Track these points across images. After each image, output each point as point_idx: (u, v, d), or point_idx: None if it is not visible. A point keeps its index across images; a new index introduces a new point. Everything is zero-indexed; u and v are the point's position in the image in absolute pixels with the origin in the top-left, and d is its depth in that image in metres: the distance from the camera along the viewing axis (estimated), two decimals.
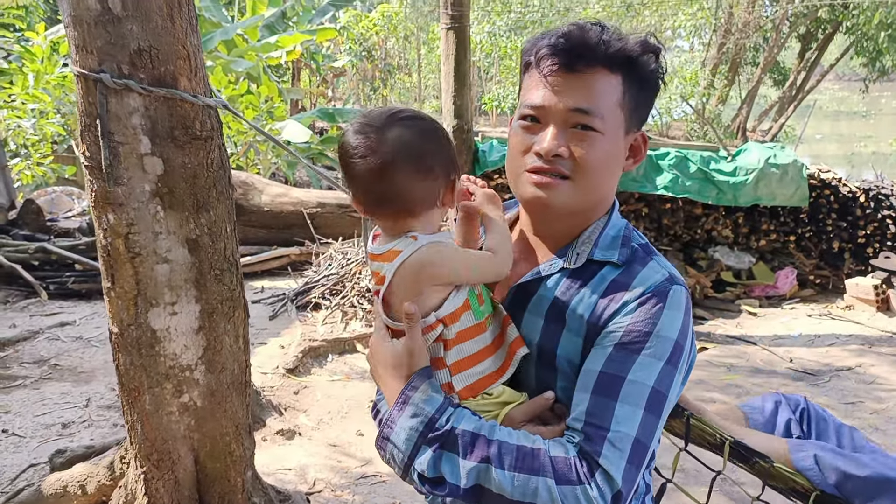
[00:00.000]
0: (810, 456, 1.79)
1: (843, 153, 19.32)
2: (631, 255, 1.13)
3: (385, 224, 1.13)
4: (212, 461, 2.43)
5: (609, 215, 1.19)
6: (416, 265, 1.07)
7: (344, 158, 1.10)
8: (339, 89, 19.93)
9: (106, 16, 1.88)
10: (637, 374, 1.02)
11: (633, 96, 1.11)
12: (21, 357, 4.60)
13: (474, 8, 16.97)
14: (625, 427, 1.00)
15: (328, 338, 4.93)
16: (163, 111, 2.01)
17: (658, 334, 1.04)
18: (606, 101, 1.08)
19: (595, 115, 1.07)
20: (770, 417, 2.14)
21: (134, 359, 2.21)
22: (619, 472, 0.98)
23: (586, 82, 1.08)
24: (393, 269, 1.08)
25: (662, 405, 1.03)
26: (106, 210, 2.06)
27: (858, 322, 5.65)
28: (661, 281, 1.08)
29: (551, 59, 1.08)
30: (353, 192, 1.12)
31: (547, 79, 1.09)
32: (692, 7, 16.97)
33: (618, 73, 1.09)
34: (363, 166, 1.07)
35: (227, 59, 10.03)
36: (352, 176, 1.10)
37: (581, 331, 1.09)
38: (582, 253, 1.14)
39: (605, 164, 1.11)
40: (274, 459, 3.39)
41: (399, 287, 1.08)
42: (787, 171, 6.04)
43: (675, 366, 1.04)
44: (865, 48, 17.60)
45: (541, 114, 1.10)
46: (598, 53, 1.07)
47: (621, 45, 1.08)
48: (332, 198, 7.18)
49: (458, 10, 5.51)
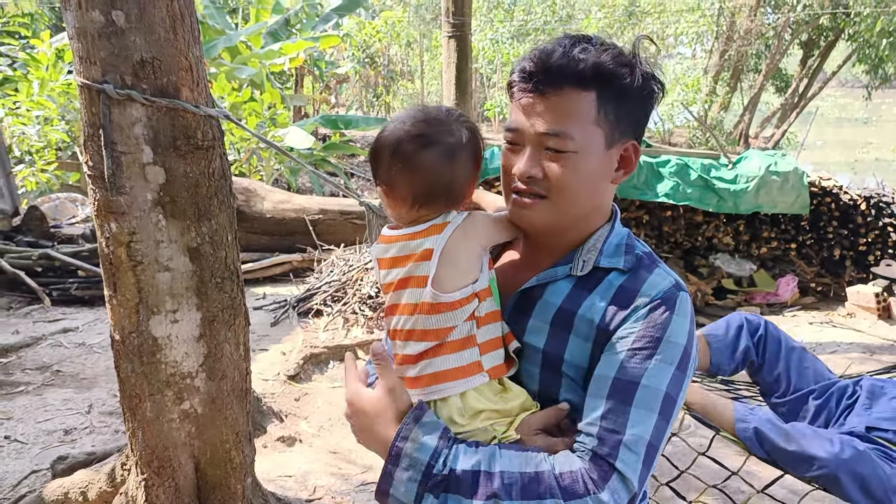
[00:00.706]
0: (751, 428, 2.23)
1: (846, 160, 19.32)
2: (636, 262, 1.15)
3: (419, 216, 1.15)
4: (212, 468, 2.44)
5: (612, 224, 1.21)
6: (469, 226, 1.13)
7: (399, 149, 1.12)
8: (343, 96, 20.00)
9: (110, 28, 1.90)
10: (650, 380, 1.04)
11: (613, 110, 1.10)
12: (24, 363, 4.63)
13: (477, 15, 17.05)
14: (640, 430, 1.02)
15: (329, 344, 4.95)
16: (165, 121, 2.04)
17: (668, 340, 1.06)
18: (578, 120, 1.08)
19: (565, 137, 1.08)
20: (730, 344, 2.55)
21: (135, 366, 2.23)
22: (636, 474, 1.00)
23: (554, 104, 1.08)
24: (446, 236, 1.10)
25: (673, 409, 1.06)
26: (108, 219, 2.08)
27: (859, 330, 5.65)
28: (669, 288, 1.10)
29: (521, 84, 1.11)
30: (399, 185, 1.13)
31: (519, 102, 1.12)
32: (694, 14, 17.02)
33: (591, 89, 1.08)
34: (428, 156, 1.11)
35: (230, 66, 10.08)
36: (408, 166, 1.11)
37: (590, 336, 1.10)
38: (588, 260, 1.16)
39: (583, 181, 1.11)
40: (275, 466, 3.40)
41: (452, 252, 1.11)
42: (787, 179, 6.05)
43: (684, 371, 1.07)
44: (867, 55, 17.62)
45: (517, 137, 1.13)
46: (564, 74, 1.07)
47: (588, 63, 1.06)
48: (334, 204, 7.21)
49: (460, 19, 5.55)
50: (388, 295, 1.17)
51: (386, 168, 1.14)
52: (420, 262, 1.11)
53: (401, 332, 1.14)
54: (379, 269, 1.19)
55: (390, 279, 1.16)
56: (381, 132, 1.16)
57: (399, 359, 1.14)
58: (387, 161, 1.13)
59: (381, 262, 1.18)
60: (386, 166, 1.14)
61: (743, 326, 2.53)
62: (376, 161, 1.16)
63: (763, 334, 2.52)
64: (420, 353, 1.11)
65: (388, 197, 1.16)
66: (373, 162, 1.18)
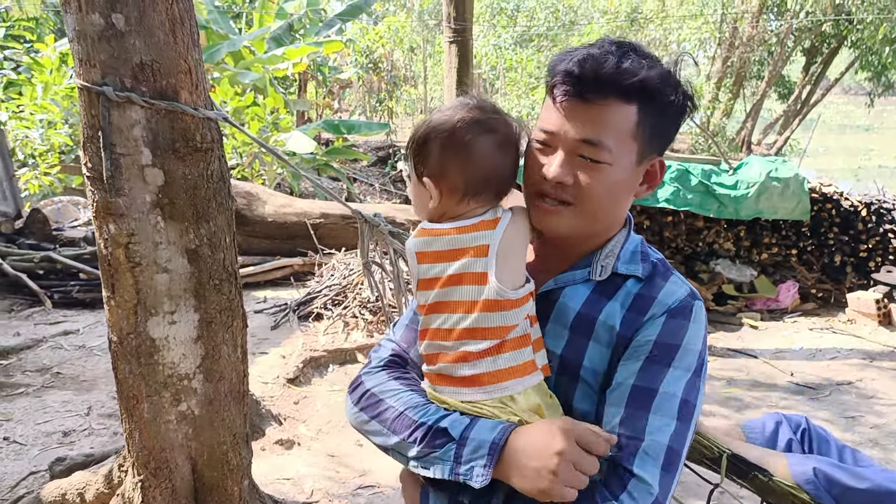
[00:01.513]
0: (810, 469, 1.81)
1: (849, 167, 19.31)
2: (652, 270, 1.16)
3: (466, 210, 1.13)
4: (209, 470, 2.45)
5: (628, 230, 1.21)
6: (520, 223, 1.13)
7: (455, 135, 1.10)
8: (345, 101, 20.04)
9: (109, 31, 1.92)
10: (668, 386, 1.06)
11: (651, 125, 1.09)
12: (24, 365, 4.64)
13: (480, 21, 17.10)
14: (658, 436, 1.03)
15: (329, 348, 4.95)
16: (164, 124, 2.05)
17: (685, 347, 1.08)
18: (617, 132, 1.07)
19: (602, 148, 1.07)
20: (770, 437, 2.14)
21: (133, 367, 2.24)
22: (655, 478, 1.01)
23: (597, 113, 1.07)
24: (500, 231, 1.09)
25: (692, 414, 1.08)
26: (107, 220, 2.09)
27: (860, 336, 5.64)
28: (685, 296, 1.12)
29: (564, 86, 1.08)
30: (452, 173, 1.10)
31: (560, 105, 1.09)
32: (697, 21, 17.05)
33: (633, 102, 1.07)
34: (486, 142, 1.10)
35: (233, 70, 10.13)
36: (465, 153, 1.10)
37: (611, 343, 1.11)
38: (606, 266, 1.16)
39: (611, 193, 1.11)
40: (272, 469, 3.40)
41: (507, 249, 1.09)
42: (788, 185, 6.05)
43: (699, 376, 1.09)
44: (870, 63, 17.64)
45: (551, 139, 1.11)
46: (612, 84, 1.05)
47: (638, 77, 1.05)
48: (335, 209, 7.21)
49: (461, 24, 5.57)
50: (429, 292, 1.12)
51: (437, 156, 1.11)
52: (476, 257, 1.08)
53: (454, 331, 1.10)
54: (418, 264, 1.14)
55: (435, 274, 1.11)
56: (428, 122, 1.13)
57: (450, 357, 1.11)
58: (439, 149, 1.10)
59: (421, 255, 1.13)
60: (437, 154, 1.11)
61: (781, 422, 2.20)
62: (423, 150, 1.12)
63: (806, 429, 2.18)
64: (482, 352, 1.08)
65: (437, 188, 1.12)
66: (418, 152, 1.13)
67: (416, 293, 1.17)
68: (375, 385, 1.21)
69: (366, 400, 1.20)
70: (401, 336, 1.31)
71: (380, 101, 17.07)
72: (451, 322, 1.10)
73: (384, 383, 1.21)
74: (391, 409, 1.15)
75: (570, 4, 18.31)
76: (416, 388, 1.19)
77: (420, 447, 1.08)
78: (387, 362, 1.27)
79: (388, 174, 13.27)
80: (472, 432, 1.05)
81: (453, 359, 1.11)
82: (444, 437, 1.06)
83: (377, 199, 11.72)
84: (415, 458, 1.09)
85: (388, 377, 1.22)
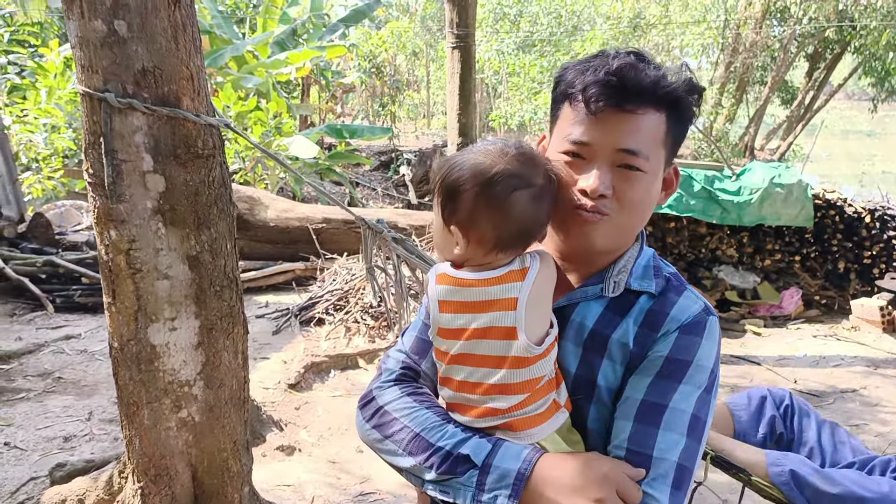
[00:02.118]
0: (787, 471, 1.93)
1: (853, 172, 19.28)
2: (665, 285, 1.15)
3: (493, 260, 1.08)
4: (209, 477, 2.44)
5: (641, 244, 1.20)
6: (548, 270, 1.09)
7: (490, 189, 1.03)
8: (348, 105, 20.08)
9: (112, 37, 1.92)
10: (678, 403, 1.05)
11: (675, 133, 1.11)
12: (25, 370, 4.64)
13: (483, 26, 17.12)
14: (667, 453, 1.02)
15: (331, 353, 4.94)
16: (166, 130, 2.05)
17: (697, 364, 1.07)
18: (651, 141, 1.08)
19: (641, 156, 1.06)
20: (755, 414, 2.27)
21: (133, 373, 2.23)
22: (665, 495, 1.01)
23: (635, 122, 1.06)
24: (529, 284, 1.05)
25: (702, 430, 1.06)
26: (108, 226, 2.09)
27: (864, 343, 5.61)
28: (699, 312, 1.11)
29: (601, 96, 1.05)
30: (483, 226, 1.05)
31: (595, 115, 1.06)
32: (699, 27, 17.05)
33: (663, 111, 1.08)
34: (523, 197, 1.04)
35: (237, 75, 10.15)
36: (499, 208, 1.03)
37: (625, 360, 1.10)
38: (619, 282, 1.14)
39: (646, 202, 1.11)
40: (273, 475, 3.39)
41: (536, 300, 1.06)
42: (791, 191, 6.04)
43: (710, 392, 1.08)
44: (874, 68, 17.63)
45: (585, 151, 1.08)
46: (649, 93, 1.05)
47: (672, 86, 1.06)
48: (337, 213, 7.22)
49: (464, 30, 5.57)
50: (452, 342, 1.09)
51: (469, 207, 1.04)
52: (505, 311, 1.04)
53: (481, 385, 1.07)
54: (440, 312, 1.10)
55: (459, 325, 1.08)
56: (456, 165, 1.06)
57: (476, 412, 1.08)
58: (472, 200, 1.04)
59: (444, 304, 1.10)
60: (470, 205, 1.04)
61: (766, 397, 2.32)
62: (455, 197, 1.05)
63: (789, 404, 2.30)
64: (510, 408, 1.06)
65: (465, 238, 1.06)
66: (448, 197, 1.06)
67: (434, 338, 1.13)
68: (388, 402, 1.18)
69: (379, 418, 1.17)
70: (410, 347, 1.28)
71: (383, 105, 17.11)
72: (478, 376, 1.07)
73: (397, 399, 1.18)
74: (406, 430, 1.12)
75: (572, 10, 18.34)
76: (432, 405, 1.16)
77: (439, 472, 1.05)
78: (398, 376, 1.24)
79: (391, 178, 13.29)
80: (495, 459, 1.03)
81: (479, 414, 1.08)
82: (465, 463, 1.03)
83: (380, 204, 11.73)
84: (433, 482, 1.06)
85: (401, 393, 1.19)
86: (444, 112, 20.44)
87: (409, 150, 14.28)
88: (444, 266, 1.13)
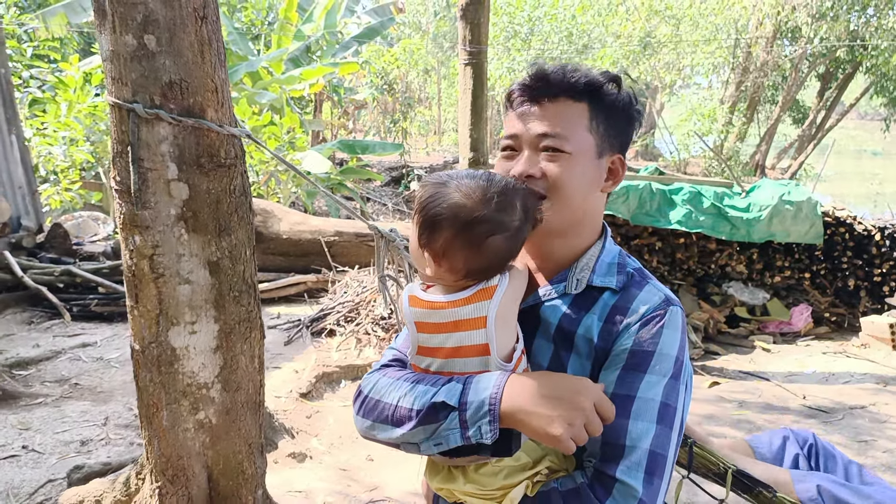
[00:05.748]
0: (813, 487, 1.82)
1: (865, 192, 19.21)
2: (628, 281, 1.20)
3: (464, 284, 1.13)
4: (224, 479, 2.49)
5: (603, 242, 1.26)
6: (517, 286, 1.15)
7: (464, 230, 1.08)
8: (360, 121, 20.29)
9: (141, 51, 2.01)
10: (645, 392, 1.09)
11: (603, 122, 1.20)
12: (43, 376, 4.72)
13: (494, 44, 17.27)
14: (639, 441, 1.07)
15: (342, 364, 5.00)
16: (190, 140, 2.13)
17: (661, 353, 1.12)
18: (572, 125, 1.18)
19: (560, 138, 1.17)
20: (777, 452, 2.15)
21: (153, 376, 2.30)
22: (638, 481, 1.05)
23: (551, 111, 1.19)
24: (497, 302, 1.09)
25: (673, 416, 1.11)
26: (133, 232, 2.17)
27: (874, 361, 5.61)
28: (659, 303, 1.15)
29: (520, 96, 1.21)
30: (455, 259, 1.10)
31: (517, 111, 1.22)
32: (710, 46, 17.15)
33: (583, 100, 1.19)
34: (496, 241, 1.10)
35: (251, 90, 10.31)
36: (471, 248, 1.09)
37: (590, 355, 1.15)
38: (581, 279, 1.20)
39: (578, 182, 1.18)
40: (284, 482, 3.44)
41: (503, 317, 1.11)
42: (801, 209, 6.07)
43: (677, 379, 1.13)
44: (885, 88, 17.65)
45: (515, 142, 1.22)
46: (560, 85, 1.18)
47: (580, 76, 1.18)
48: (349, 227, 7.30)
49: (476, 47, 5.67)
50: (430, 359, 1.16)
51: (444, 242, 1.10)
52: (475, 329, 1.10)
53: None
54: (417, 332, 1.16)
55: (435, 344, 1.14)
56: (438, 199, 1.11)
57: None
58: (448, 236, 1.09)
59: (421, 325, 1.15)
60: (445, 240, 1.10)
61: (789, 437, 2.21)
62: (431, 228, 1.11)
63: (813, 444, 2.19)
64: None
65: (437, 265, 1.12)
66: (425, 225, 1.12)
67: (413, 357, 1.20)
68: (371, 388, 1.23)
69: (366, 405, 1.22)
70: (401, 344, 1.34)
71: (394, 121, 17.27)
72: None
73: (376, 383, 1.23)
74: (387, 406, 1.16)
75: (583, 29, 18.49)
76: (404, 374, 1.21)
77: (424, 426, 1.09)
78: (383, 365, 1.30)
79: (402, 194, 13.40)
80: (468, 396, 1.07)
81: None
82: (444, 409, 1.08)
83: (390, 219, 11.82)
84: (425, 439, 1.10)
85: (380, 376, 1.24)
86: (454, 129, 20.60)
87: (419, 167, 14.41)
88: (415, 288, 1.19)
